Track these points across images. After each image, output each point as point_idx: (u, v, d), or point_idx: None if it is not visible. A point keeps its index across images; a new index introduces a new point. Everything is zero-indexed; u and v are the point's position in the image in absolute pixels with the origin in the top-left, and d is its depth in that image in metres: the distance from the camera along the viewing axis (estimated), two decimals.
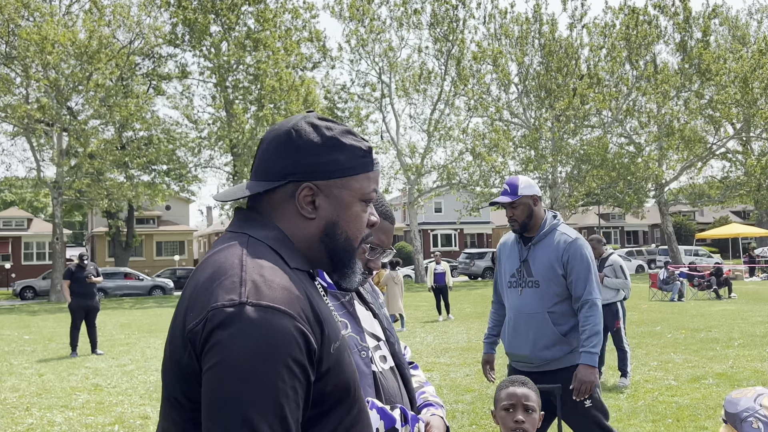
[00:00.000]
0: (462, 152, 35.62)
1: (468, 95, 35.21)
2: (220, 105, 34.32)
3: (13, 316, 22.25)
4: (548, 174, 35.29)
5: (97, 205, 32.37)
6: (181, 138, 37.01)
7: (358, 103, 39.35)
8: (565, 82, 34.36)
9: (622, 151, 36.76)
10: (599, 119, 36.51)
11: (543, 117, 34.96)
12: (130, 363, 11.08)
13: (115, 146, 31.40)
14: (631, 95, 35.79)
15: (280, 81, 32.11)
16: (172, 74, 38.19)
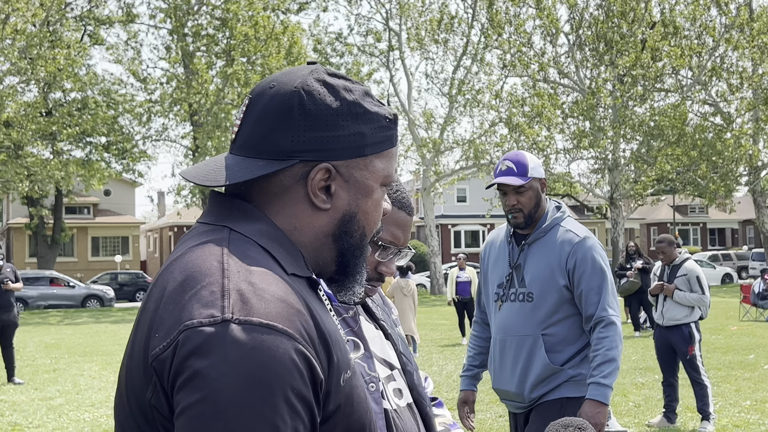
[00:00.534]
0: (494, 123, 35.61)
1: (503, 48, 35.16)
2: (177, 59, 34.35)
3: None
4: (607, 153, 35.25)
5: (14, 189, 32.44)
6: (125, 102, 37.08)
7: (357, 57, 39.34)
8: (631, 32, 34.26)
9: (705, 123, 36.68)
10: (676, 81, 36.43)
11: (601, 77, 34.90)
12: (58, 395, 11.10)
13: (38, 111, 31.46)
14: (718, 49, 35.68)
15: (255, 27, 32.12)
16: (114, 18, 38.25)
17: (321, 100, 1.30)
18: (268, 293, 1.17)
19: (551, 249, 3.66)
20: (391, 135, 1.37)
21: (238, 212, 1.31)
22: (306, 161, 1.29)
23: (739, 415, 8.73)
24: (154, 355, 1.14)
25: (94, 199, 51.00)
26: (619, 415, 8.90)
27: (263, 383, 1.10)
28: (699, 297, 8.14)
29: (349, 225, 1.33)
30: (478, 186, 50.44)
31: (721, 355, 13.42)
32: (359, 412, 1.28)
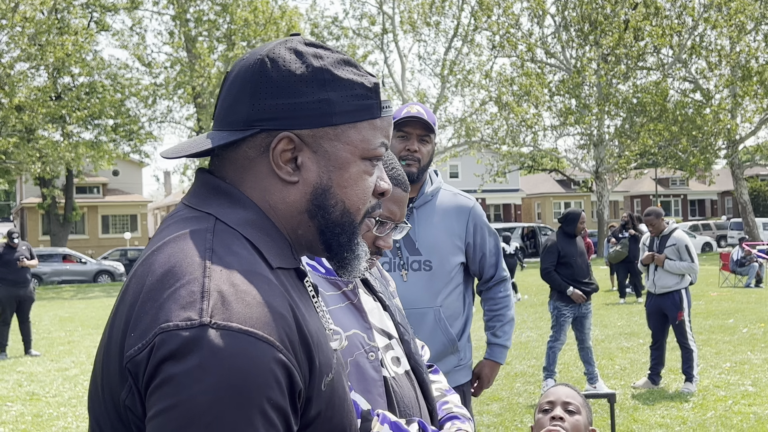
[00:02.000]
0: (484, 102, 35.51)
1: (492, 29, 34.99)
2: (180, 43, 34.17)
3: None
4: (593, 129, 35.19)
5: (27, 170, 32.36)
6: (131, 85, 36.90)
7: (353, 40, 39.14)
8: (614, 12, 34.11)
9: (685, 99, 36.61)
10: (657, 59, 36.32)
11: (586, 57, 34.77)
12: (72, 366, 11.14)
13: (48, 96, 31.32)
14: (697, 28, 35.54)
15: (254, 12, 31.93)
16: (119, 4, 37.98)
17: (285, 67, 1.20)
18: (250, 296, 1.08)
19: (445, 214, 3.35)
20: (371, 105, 1.24)
21: (224, 197, 1.22)
22: (268, 130, 1.19)
23: (720, 376, 8.78)
24: (129, 356, 1.07)
25: (103, 179, 50.92)
26: (605, 377, 8.94)
27: (239, 393, 1.02)
28: (689, 265, 8.16)
29: (323, 199, 1.22)
30: (469, 162, 50.36)
31: (702, 319, 13.47)
32: (340, 414, 1.21)
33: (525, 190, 61.08)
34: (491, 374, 3.54)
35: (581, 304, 8.32)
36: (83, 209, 48.38)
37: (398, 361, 1.88)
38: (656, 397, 7.85)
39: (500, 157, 37.16)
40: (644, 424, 6.84)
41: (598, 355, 10.10)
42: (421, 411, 1.85)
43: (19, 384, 9.86)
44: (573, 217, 8.49)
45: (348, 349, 1.77)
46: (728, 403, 7.50)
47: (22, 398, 8.97)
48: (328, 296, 1.82)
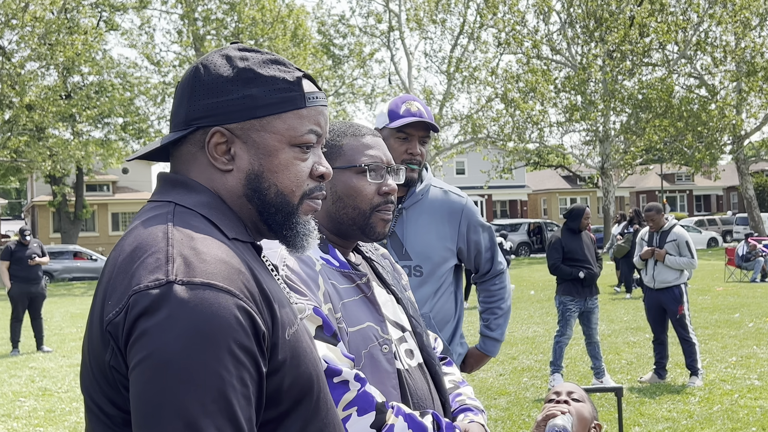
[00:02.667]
0: (490, 99, 35.46)
1: (497, 27, 34.93)
2: (188, 42, 34.21)
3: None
4: (598, 125, 35.11)
5: (38, 169, 32.43)
6: (141, 84, 36.97)
7: (359, 37, 39.15)
8: (619, 9, 34.01)
9: (690, 95, 36.49)
10: (662, 56, 36.21)
11: (592, 53, 34.67)
12: None
13: (58, 95, 31.37)
14: (702, 24, 35.42)
15: (261, 11, 31.94)
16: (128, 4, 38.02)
17: (215, 71, 1.34)
18: (209, 256, 1.20)
19: (435, 215, 3.17)
20: (293, 97, 1.36)
21: (181, 187, 1.35)
22: (202, 127, 1.33)
23: (726, 370, 8.77)
24: (109, 319, 1.18)
25: (113, 177, 51.00)
26: (612, 372, 8.94)
27: (206, 337, 1.13)
28: (689, 261, 8.17)
29: (257, 184, 1.35)
30: (476, 159, 50.30)
31: (708, 314, 13.44)
32: (306, 363, 1.31)
33: (531, 186, 60.98)
34: (476, 364, 3.44)
35: (587, 299, 8.32)
36: (93, 207, 48.47)
37: (411, 354, 1.89)
38: (663, 391, 7.84)
39: (506, 153, 37.10)
40: (651, 418, 6.84)
41: (604, 349, 10.09)
42: (434, 403, 1.86)
43: (32, 380, 9.90)
44: (577, 213, 8.49)
45: (362, 341, 1.78)
46: (734, 396, 7.49)
47: (34, 394, 9.01)
48: (342, 289, 1.83)
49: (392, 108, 3.09)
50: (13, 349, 12.12)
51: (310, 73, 33.48)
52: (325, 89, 40.54)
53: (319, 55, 36.42)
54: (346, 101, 42.77)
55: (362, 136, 1.94)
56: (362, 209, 1.89)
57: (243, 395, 1.15)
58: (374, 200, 1.90)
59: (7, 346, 12.95)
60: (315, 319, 1.69)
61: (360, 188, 1.89)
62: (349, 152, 1.90)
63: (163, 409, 1.11)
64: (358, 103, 39.27)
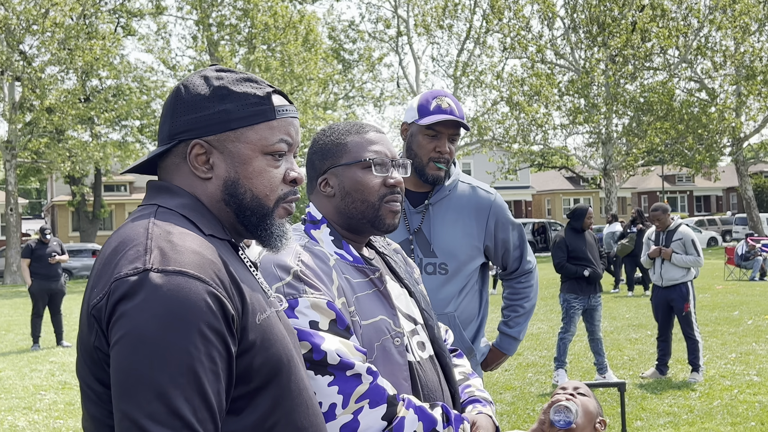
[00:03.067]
0: (496, 102, 35.43)
1: (503, 32, 34.89)
2: (203, 47, 34.27)
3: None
4: (601, 127, 35.03)
5: (57, 169, 32.55)
6: (157, 87, 37.06)
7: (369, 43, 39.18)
8: (622, 15, 33.93)
9: (691, 98, 36.38)
10: (664, 60, 36.11)
11: (595, 58, 34.60)
12: None
13: (77, 98, 31.47)
14: (702, 30, 35.31)
15: (274, 17, 31.96)
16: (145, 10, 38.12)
17: (193, 90, 1.45)
18: (183, 248, 1.31)
19: (463, 211, 3.00)
20: (264, 110, 1.46)
21: (165, 192, 1.46)
22: (184, 140, 1.44)
23: (726, 366, 8.74)
24: (93, 304, 1.29)
25: (130, 178, 51.13)
26: (614, 368, 8.92)
27: (178, 318, 1.24)
28: (695, 259, 8.14)
29: (234, 189, 1.45)
30: (481, 160, 50.23)
31: (708, 312, 13.41)
32: (277, 347, 1.39)
33: (535, 186, 60.89)
34: (493, 362, 3.28)
35: (590, 297, 8.30)
36: (111, 206, 48.61)
37: (423, 346, 1.89)
38: (664, 387, 7.82)
39: (511, 155, 37.04)
40: (652, 413, 6.83)
41: (607, 346, 10.07)
42: (444, 395, 1.87)
43: (52, 373, 9.94)
44: (580, 213, 8.48)
45: (375, 334, 1.78)
46: (734, 392, 7.47)
47: (54, 387, 9.05)
48: (355, 283, 1.83)
49: (422, 103, 2.92)
50: (33, 344, 12.17)
51: (321, 77, 33.59)
52: (335, 93, 40.57)
53: (329, 59, 36.44)
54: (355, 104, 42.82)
55: (366, 133, 1.95)
56: (370, 201, 1.90)
57: (211, 371, 1.25)
58: (381, 191, 1.90)
59: (28, 341, 13.01)
60: (328, 313, 1.69)
61: (366, 182, 1.90)
62: (354, 149, 1.91)
63: (137, 381, 1.21)
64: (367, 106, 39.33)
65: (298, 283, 1.72)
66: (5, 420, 7.49)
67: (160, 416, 1.19)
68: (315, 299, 1.70)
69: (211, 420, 1.24)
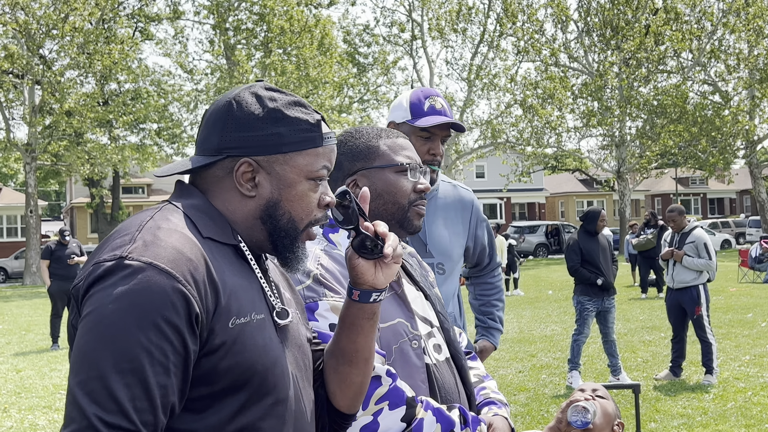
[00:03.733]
0: (510, 105, 35.37)
1: (517, 35, 34.83)
2: (219, 51, 34.39)
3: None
4: (615, 130, 34.91)
5: (77, 172, 32.75)
6: (174, 91, 37.20)
7: (383, 46, 39.18)
8: (635, 18, 33.81)
9: (704, 101, 36.20)
10: (677, 63, 35.95)
11: (608, 61, 34.50)
12: None
13: (96, 101, 31.65)
14: (716, 33, 35.14)
15: (290, 21, 32.03)
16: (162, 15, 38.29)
17: (247, 108, 1.46)
18: (165, 243, 1.34)
19: (449, 210, 3.02)
20: (313, 137, 1.49)
21: (184, 192, 1.50)
22: (232, 156, 1.46)
23: (739, 368, 8.69)
24: (74, 284, 1.35)
25: (148, 180, 51.33)
26: (628, 370, 8.89)
27: (137, 308, 1.26)
28: (706, 262, 8.09)
29: (274, 210, 1.47)
30: (495, 163, 50.17)
31: (721, 314, 13.33)
32: (251, 354, 1.38)
33: (549, 189, 60.71)
34: (485, 358, 3.31)
35: (604, 299, 8.28)
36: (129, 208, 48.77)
37: (439, 349, 1.90)
38: (678, 389, 7.79)
39: (525, 157, 36.96)
40: (666, 414, 6.80)
41: (621, 348, 10.04)
42: (460, 396, 1.87)
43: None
44: (593, 216, 8.45)
45: (393, 337, 1.79)
46: (748, 394, 7.43)
47: None
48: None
49: (414, 102, 2.86)
50: (53, 344, 12.25)
51: (336, 80, 33.61)
52: (350, 96, 40.61)
53: (344, 63, 36.48)
54: (370, 107, 42.83)
55: (396, 138, 2.00)
56: (401, 204, 1.94)
57: (160, 363, 1.26)
58: (411, 196, 1.96)
59: (47, 341, 13.09)
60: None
61: (399, 185, 1.94)
62: (387, 153, 1.95)
63: (84, 359, 1.25)
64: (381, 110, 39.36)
65: (318, 287, 1.73)
66: (26, 419, 7.54)
67: (97, 396, 1.22)
68: (335, 302, 1.71)
69: (150, 411, 1.25)
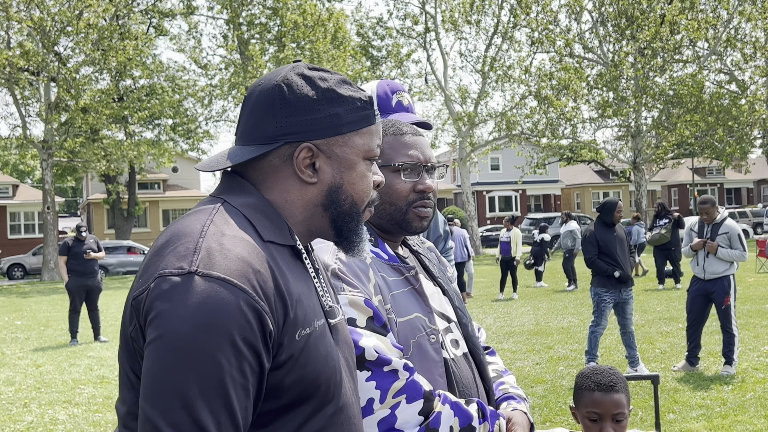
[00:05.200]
0: (524, 96, 35.24)
1: (531, 26, 34.68)
2: (233, 46, 34.44)
3: (2, 298, 22.92)
4: (630, 120, 34.71)
5: (93, 168, 32.92)
6: (189, 87, 37.33)
7: (397, 39, 39.12)
8: (650, 7, 33.58)
9: (721, 90, 35.94)
10: (693, 52, 35.70)
11: (623, 51, 34.30)
12: None
13: (111, 98, 31.80)
14: (732, 21, 34.86)
15: (303, 15, 32.06)
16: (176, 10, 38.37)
17: (299, 90, 1.40)
18: (233, 253, 1.26)
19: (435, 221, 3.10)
20: (368, 114, 1.45)
21: (236, 187, 1.42)
22: (290, 143, 1.39)
23: (758, 359, 8.64)
24: (134, 296, 1.27)
25: (163, 176, 51.56)
26: (646, 361, 8.85)
27: (213, 327, 1.19)
28: (740, 253, 8.01)
29: (337, 195, 1.42)
30: (510, 155, 50.06)
31: (740, 304, 13.24)
32: (316, 366, 1.33)
33: (564, 180, 60.50)
34: None
35: (622, 291, 8.24)
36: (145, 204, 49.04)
37: (457, 344, 1.89)
38: (696, 380, 7.75)
39: (540, 149, 36.84)
40: (685, 405, 6.77)
41: (638, 339, 10.00)
42: (478, 391, 1.86)
43: (90, 368, 10.07)
44: (610, 207, 8.40)
45: (410, 331, 1.79)
46: (766, 385, 7.38)
47: (93, 381, 9.16)
48: (391, 281, 1.83)
49: (381, 95, 2.78)
50: (72, 340, 12.33)
51: (350, 74, 33.58)
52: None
53: (358, 56, 36.45)
54: None
55: (402, 135, 1.93)
56: (398, 205, 1.89)
57: (241, 386, 1.21)
58: (410, 197, 1.89)
59: (66, 336, 13.19)
60: (366, 311, 1.70)
61: (395, 186, 1.89)
62: (388, 151, 1.90)
63: (165, 387, 1.18)
64: None
65: (337, 281, 1.73)
66: (46, 413, 7.60)
67: (183, 426, 1.17)
68: (353, 297, 1.70)
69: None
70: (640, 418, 6.31)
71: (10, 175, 65.84)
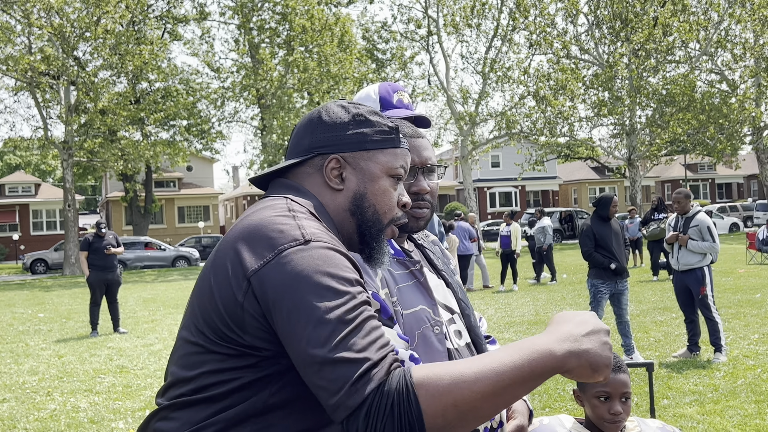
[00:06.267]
0: (523, 96, 35.18)
1: (529, 29, 34.61)
2: (244, 50, 34.45)
3: (25, 292, 22.99)
4: (625, 119, 34.64)
5: (111, 167, 32.99)
6: (202, 89, 37.34)
7: (401, 42, 39.08)
8: (644, 10, 33.48)
9: (712, 89, 35.84)
10: (685, 53, 35.59)
11: (618, 52, 34.20)
12: (156, 342, 11.37)
13: (128, 100, 31.85)
14: (722, 23, 34.73)
15: (311, 20, 32.01)
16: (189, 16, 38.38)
17: (334, 113, 1.58)
18: (327, 236, 1.41)
19: None
20: (393, 138, 1.58)
21: (293, 190, 1.56)
22: (322, 154, 1.55)
23: (749, 347, 8.63)
24: (255, 270, 1.36)
25: (178, 174, 51.66)
26: (641, 349, 8.84)
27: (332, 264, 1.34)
28: (710, 245, 8.03)
29: (361, 202, 1.55)
30: (510, 152, 49.98)
31: (731, 294, 13.23)
32: None
33: (562, 177, 60.42)
34: None
35: (617, 282, 8.23)
36: (161, 201, 49.17)
37: (460, 334, 1.89)
38: (689, 367, 7.74)
39: (538, 147, 36.79)
40: (678, 391, 6.77)
41: (633, 328, 9.99)
42: None
43: (110, 358, 10.10)
44: (606, 202, 8.39)
45: (416, 323, 1.79)
46: (757, 371, 7.37)
47: (113, 371, 9.19)
48: (397, 275, 1.84)
49: (383, 95, 2.68)
50: (92, 331, 12.37)
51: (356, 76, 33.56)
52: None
53: (363, 59, 36.42)
54: None
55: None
56: None
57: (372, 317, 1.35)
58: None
59: (87, 328, 13.23)
60: (373, 304, 1.70)
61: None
62: None
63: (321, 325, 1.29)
64: None
65: None
66: (68, 402, 7.63)
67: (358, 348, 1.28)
68: None
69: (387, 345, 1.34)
70: (636, 403, 6.31)
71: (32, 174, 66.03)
